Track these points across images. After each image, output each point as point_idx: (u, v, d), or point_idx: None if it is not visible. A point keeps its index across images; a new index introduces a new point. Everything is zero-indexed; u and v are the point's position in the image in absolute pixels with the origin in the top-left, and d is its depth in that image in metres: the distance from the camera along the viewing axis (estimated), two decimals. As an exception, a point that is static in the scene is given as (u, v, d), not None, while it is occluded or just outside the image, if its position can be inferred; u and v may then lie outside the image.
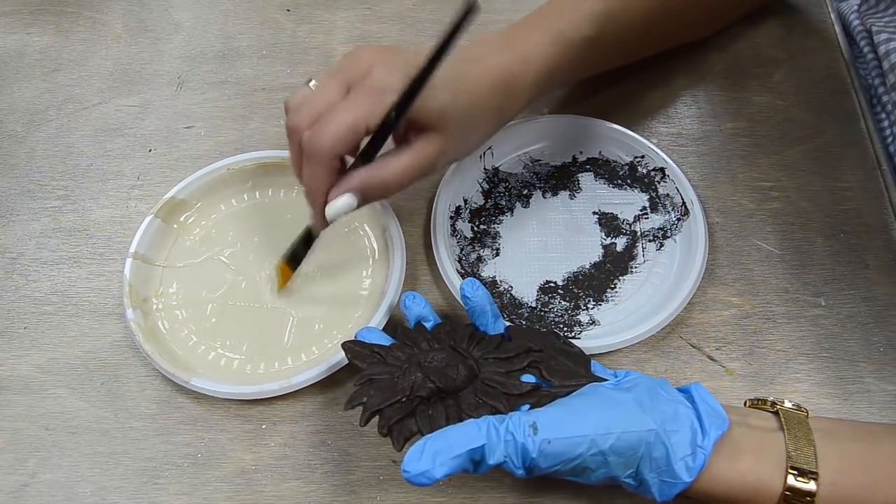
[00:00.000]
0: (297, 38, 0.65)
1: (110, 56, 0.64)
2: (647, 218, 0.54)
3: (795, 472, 0.36)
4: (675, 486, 0.36)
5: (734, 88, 0.60)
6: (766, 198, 0.55)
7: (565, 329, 0.50)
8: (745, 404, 0.42)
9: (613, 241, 0.53)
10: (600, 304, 0.51)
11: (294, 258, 0.50)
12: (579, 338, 0.49)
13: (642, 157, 0.56)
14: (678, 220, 0.53)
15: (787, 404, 0.40)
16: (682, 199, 0.53)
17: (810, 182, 0.56)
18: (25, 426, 0.48)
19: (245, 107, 0.61)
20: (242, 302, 0.52)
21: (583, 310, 0.51)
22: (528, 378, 0.41)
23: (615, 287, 0.52)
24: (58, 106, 0.62)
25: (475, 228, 0.54)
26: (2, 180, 0.58)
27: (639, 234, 0.54)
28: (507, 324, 0.45)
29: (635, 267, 0.52)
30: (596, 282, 0.52)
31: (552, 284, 0.52)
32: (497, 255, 0.53)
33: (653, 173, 0.55)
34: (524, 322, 0.50)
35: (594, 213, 0.55)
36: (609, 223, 0.54)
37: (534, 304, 0.51)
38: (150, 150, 0.59)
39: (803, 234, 0.54)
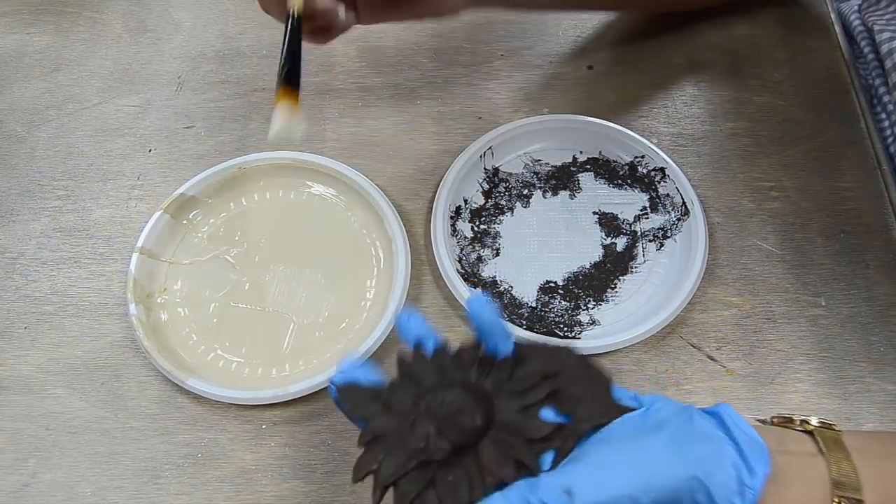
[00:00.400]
0: (297, 38, 0.65)
1: (110, 56, 0.64)
2: (648, 218, 0.54)
3: (843, 499, 0.35)
4: None
5: (734, 88, 0.60)
6: (766, 198, 0.55)
7: (565, 329, 0.50)
8: (770, 421, 0.41)
9: (613, 241, 0.53)
10: (600, 304, 0.51)
11: (290, 73, 0.42)
12: (579, 338, 0.49)
13: (642, 157, 0.56)
14: (678, 220, 0.53)
15: (814, 421, 0.38)
16: (682, 199, 0.53)
17: (810, 182, 0.56)
18: (25, 426, 0.48)
19: (245, 107, 0.61)
20: (244, 304, 0.52)
21: (583, 310, 0.51)
22: (547, 412, 0.36)
23: (615, 287, 0.52)
24: (58, 106, 0.61)
25: (475, 228, 0.54)
26: (2, 180, 0.58)
27: (639, 234, 0.54)
28: (515, 341, 0.40)
29: (635, 267, 0.52)
30: (596, 282, 0.52)
31: (552, 284, 0.52)
32: (497, 255, 0.53)
33: (653, 173, 0.55)
34: (524, 322, 0.50)
35: (594, 213, 0.55)
36: (609, 223, 0.54)
37: (534, 304, 0.51)
38: (150, 150, 0.59)
39: (803, 234, 0.54)
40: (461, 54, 0.63)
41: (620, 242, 0.53)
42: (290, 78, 0.41)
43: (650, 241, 0.53)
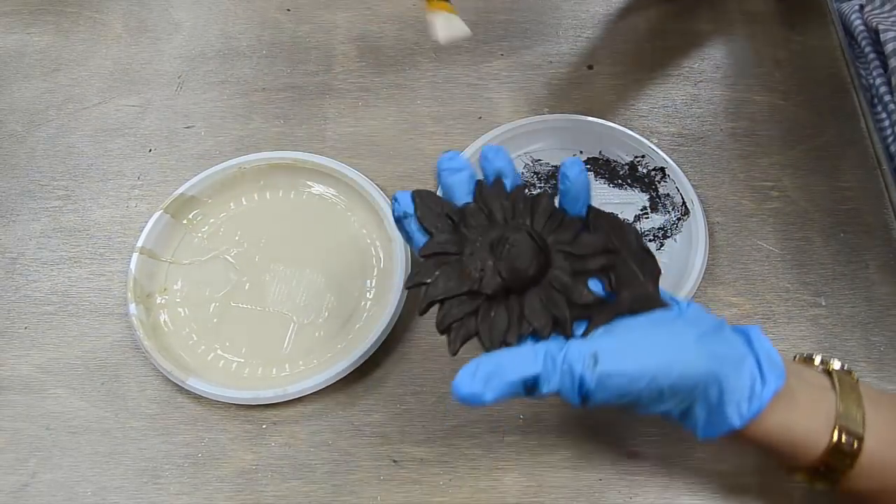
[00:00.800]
0: (297, 38, 0.65)
1: (110, 56, 0.64)
2: (648, 218, 0.54)
3: (843, 433, 0.36)
4: (722, 429, 0.36)
5: (734, 88, 0.60)
6: (766, 198, 0.55)
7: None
8: (794, 359, 0.42)
9: (613, 241, 0.53)
10: (600, 304, 0.51)
11: None
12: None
13: (642, 156, 0.56)
14: (678, 219, 0.53)
15: (836, 365, 0.40)
16: (683, 198, 0.53)
17: (810, 182, 0.56)
18: (26, 426, 0.48)
19: (245, 107, 0.61)
20: (245, 304, 0.52)
21: (583, 310, 0.51)
22: (595, 284, 0.38)
23: (615, 287, 0.52)
24: (58, 106, 0.62)
25: (475, 228, 0.54)
26: (2, 180, 0.58)
27: (639, 233, 0.54)
28: (590, 205, 0.41)
29: (635, 267, 0.52)
30: (596, 282, 0.52)
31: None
32: (497, 255, 0.53)
33: (653, 173, 0.55)
34: None
35: (594, 213, 0.55)
36: (609, 223, 0.54)
37: (534, 304, 0.51)
38: (150, 150, 0.59)
39: (803, 234, 0.54)
40: (461, 54, 0.63)
41: (620, 242, 0.53)
42: None
43: (650, 240, 0.53)
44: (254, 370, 0.49)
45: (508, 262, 0.37)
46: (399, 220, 0.40)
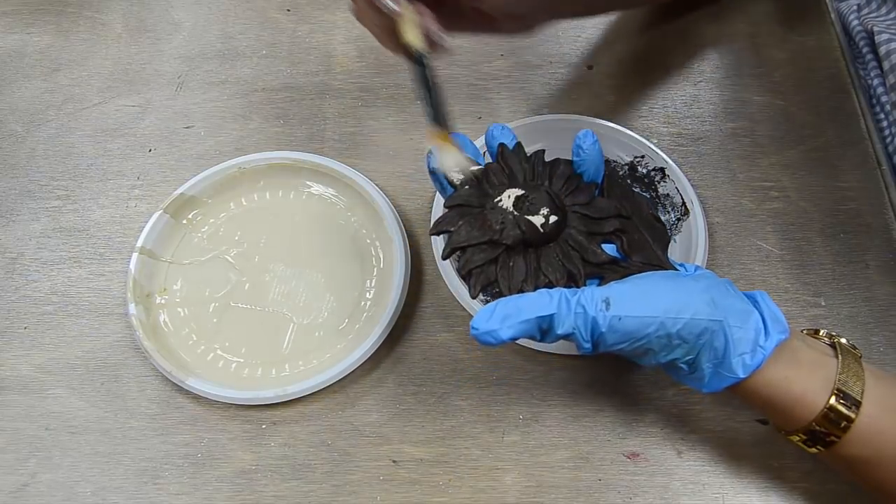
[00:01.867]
0: (297, 38, 0.65)
1: (110, 56, 0.64)
2: (647, 218, 0.54)
3: (840, 395, 0.37)
4: (727, 380, 0.37)
5: (734, 88, 0.60)
6: (766, 198, 0.55)
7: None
8: (801, 331, 0.43)
9: (613, 241, 0.53)
10: (600, 304, 0.51)
11: (435, 111, 0.42)
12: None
13: (642, 157, 0.56)
14: (678, 220, 0.53)
15: (843, 341, 0.40)
16: (682, 199, 0.53)
17: (810, 182, 0.56)
18: (25, 426, 0.48)
19: (245, 107, 0.61)
20: (244, 304, 0.52)
21: (583, 310, 0.51)
22: (608, 246, 0.40)
23: (615, 287, 0.52)
24: (58, 106, 0.62)
25: (475, 228, 0.54)
26: (2, 180, 0.58)
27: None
28: (605, 174, 0.44)
29: (635, 267, 0.52)
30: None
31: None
32: (497, 255, 0.53)
33: (653, 173, 0.55)
34: None
35: (594, 213, 0.55)
36: (609, 223, 0.54)
37: (534, 304, 0.51)
38: (150, 150, 0.59)
39: (803, 234, 0.54)
40: (461, 54, 0.63)
41: (620, 242, 0.53)
42: (437, 117, 0.42)
43: (650, 241, 0.53)
44: (253, 370, 0.49)
45: (528, 216, 0.39)
46: (433, 172, 0.42)
